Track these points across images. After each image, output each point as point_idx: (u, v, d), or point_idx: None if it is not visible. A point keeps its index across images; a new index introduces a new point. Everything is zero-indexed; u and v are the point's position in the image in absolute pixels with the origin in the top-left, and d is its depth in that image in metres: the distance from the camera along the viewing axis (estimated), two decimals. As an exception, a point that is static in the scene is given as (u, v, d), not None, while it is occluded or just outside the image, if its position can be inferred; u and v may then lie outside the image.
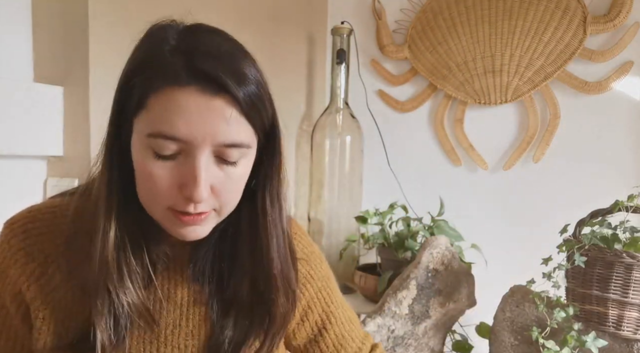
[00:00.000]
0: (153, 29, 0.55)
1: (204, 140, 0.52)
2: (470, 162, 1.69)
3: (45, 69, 1.09)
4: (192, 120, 0.51)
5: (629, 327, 0.97)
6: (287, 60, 1.71)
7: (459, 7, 1.65)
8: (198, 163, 0.52)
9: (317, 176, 1.72)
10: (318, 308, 0.75)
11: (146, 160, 0.53)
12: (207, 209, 0.56)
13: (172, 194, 0.54)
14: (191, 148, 0.52)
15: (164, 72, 0.51)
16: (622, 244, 0.99)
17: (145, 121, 0.52)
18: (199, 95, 0.50)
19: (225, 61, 0.52)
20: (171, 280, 0.63)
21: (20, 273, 0.59)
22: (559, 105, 1.55)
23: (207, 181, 0.53)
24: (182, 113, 0.50)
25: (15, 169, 1.05)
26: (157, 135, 0.51)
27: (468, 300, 1.27)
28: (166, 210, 0.55)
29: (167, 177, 0.53)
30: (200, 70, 0.50)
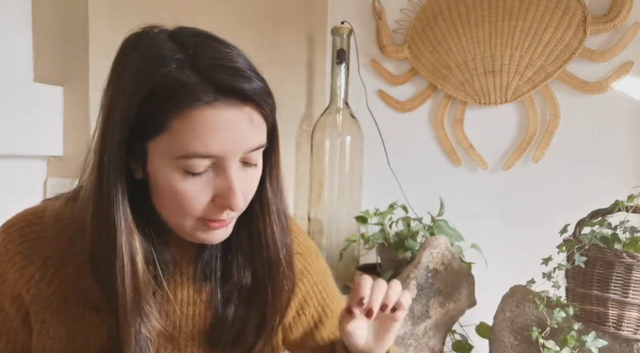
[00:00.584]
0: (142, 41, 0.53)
1: (236, 151, 0.53)
2: (470, 162, 1.69)
3: (45, 69, 1.09)
4: (225, 135, 0.51)
5: (629, 327, 0.97)
6: (287, 60, 1.71)
7: (459, 7, 1.65)
8: (232, 174, 0.53)
9: (317, 176, 1.72)
10: (314, 302, 0.75)
11: (176, 181, 0.52)
12: (236, 215, 0.58)
13: (205, 207, 0.54)
14: (223, 161, 0.52)
15: (185, 93, 0.49)
16: (622, 244, 0.99)
17: (169, 144, 0.51)
18: (227, 110, 0.51)
19: (239, 69, 0.52)
20: (172, 283, 0.63)
21: (19, 277, 0.59)
22: (559, 105, 1.55)
23: (241, 189, 0.54)
24: (213, 130, 0.50)
25: (15, 169, 1.05)
26: (191, 156, 0.51)
27: (468, 300, 1.27)
28: (197, 220, 0.56)
29: (200, 192, 0.53)
30: (222, 84, 0.50)
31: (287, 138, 1.76)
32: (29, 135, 1.03)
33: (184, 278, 0.64)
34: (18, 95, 1.01)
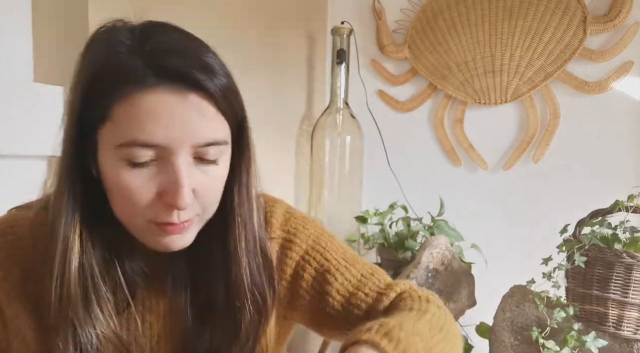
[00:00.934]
0: (100, 32, 0.52)
1: (182, 142, 0.48)
2: (470, 162, 1.69)
3: (45, 69, 1.09)
4: (167, 122, 0.47)
5: (629, 327, 0.97)
6: (287, 60, 1.71)
7: (459, 7, 1.65)
8: (178, 167, 0.49)
9: (317, 176, 1.72)
10: (310, 271, 0.65)
11: (120, 172, 0.49)
12: (191, 216, 0.53)
13: (152, 204, 0.50)
14: (168, 153, 0.49)
15: (126, 76, 0.47)
16: (622, 244, 0.99)
17: (112, 132, 0.48)
18: (170, 95, 0.47)
19: (191, 56, 0.49)
20: (151, 293, 0.60)
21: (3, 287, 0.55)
22: (559, 105, 1.55)
23: (190, 185, 0.50)
24: (155, 117, 0.47)
25: (15, 169, 1.05)
26: (131, 144, 0.47)
27: (468, 300, 1.27)
28: (147, 222, 0.51)
29: (145, 186, 0.49)
30: (167, 68, 0.47)
31: (287, 138, 1.76)
32: (29, 135, 1.03)
33: (163, 287, 0.60)
34: (18, 95, 1.01)
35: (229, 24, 1.41)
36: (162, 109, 0.47)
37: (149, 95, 0.47)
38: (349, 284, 0.64)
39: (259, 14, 1.55)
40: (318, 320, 0.67)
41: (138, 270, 0.58)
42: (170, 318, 0.60)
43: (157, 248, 0.54)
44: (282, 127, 1.72)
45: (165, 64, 0.47)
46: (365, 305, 0.63)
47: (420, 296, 0.63)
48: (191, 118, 0.48)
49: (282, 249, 0.66)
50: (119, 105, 0.47)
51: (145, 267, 0.59)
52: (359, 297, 0.63)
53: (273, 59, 1.62)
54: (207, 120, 0.49)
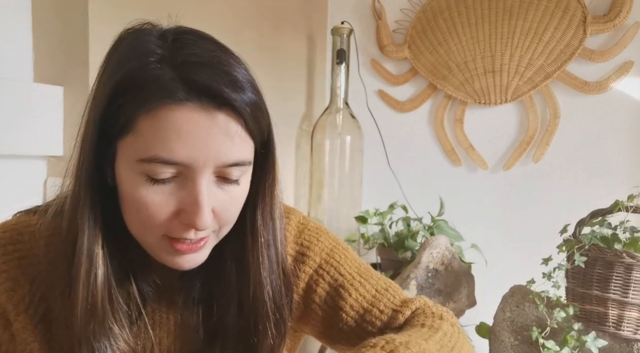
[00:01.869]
0: (128, 33, 0.50)
1: (207, 162, 0.46)
2: (470, 162, 1.69)
3: (45, 69, 1.09)
4: (193, 141, 0.45)
5: (629, 327, 0.97)
6: (287, 60, 1.71)
7: (459, 7, 1.65)
8: (200, 187, 0.47)
9: (317, 176, 1.72)
10: (324, 286, 0.64)
11: (138, 187, 0.47)
12: (208, 234, 0.51)
13: (169, 222, 0.48)
14: (190, 171, 0.47)
15: (155, 88, 0.45)
16: (622, 244, 0.99)
17: (134, 145, 0.46)
18: (199, 113, 0.45)
19: (222, 71, 0.47)
20: (162, 307, 0.58)
21: (7, 300, 0.54)
22: (559, 105, 1.55)
23: (210, 205, 0.48)
24: (181, 134, 0.45)
25: (15, 169, 1.05)
26: (152, 160, 0.45)
27: (468, 300, 1.27)
28: (161, 238, 0.50)
29: (163, 203, 0.47)
30: (198, 83, 0.45)
31: (287, 138, 1.76)
32: (29, 135, 1.03)
33: (175, 302, 0.58)
34: (18, 95, 1.01)
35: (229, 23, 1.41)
36: (188, 127, 0.45)
37: (176, 110, 0.45)
38: (363, 300, 0.63)
39: (259, 14, 1.55)
40: (330, 334, 0.65)
41: (151, 282, 0.57)
42: (180, 334, 0.59)
43: (168, 264, 0.52)
44: (282, 127, 1.72)
45: (196, 79, 0.45)
46: (380, 322, 0.61)
47: (434, 313, 0.61)
48: (217, 138, 0.46)
49: (295, 262, 0.65)
50: (144, 118, 0.45)
51: (159, 279, 0.57)
52: (374, 313, 0.62)
53: (273, 59, 1.62)
54: (233, 140, 0.47)
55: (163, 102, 0.45)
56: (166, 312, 0.59)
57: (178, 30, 0.50)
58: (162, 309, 0.59)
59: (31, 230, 0.56)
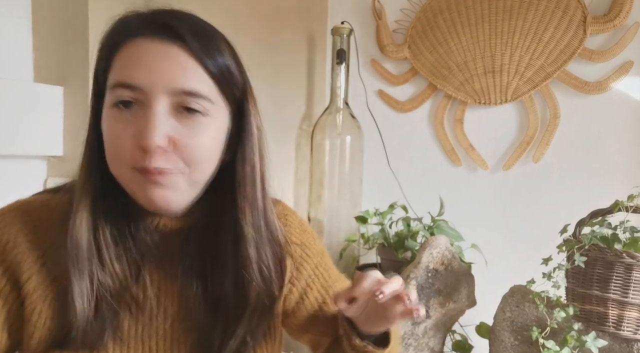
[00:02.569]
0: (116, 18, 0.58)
1: (159, 86, 0.52)
2: (470, 162, 1.69)
3: (45, 69, 1.09)
4: (147, 66, 0.52)
5: (629, 327, 0.97)
6: (287, 61, 1.71)
7: (459, 7, 1.65)
8: (152, 110, 0.52)
9: (317, 176, 1.72)
10: (317, 285, 0.73)
11: (109, 117, 0.54)
12: (167, 166, 0.54)
13: (131, 149, 0.53)
14: (147, 97, 0.53)
15: (124, 30, 0.54)
16: (622, 244, 0.99)
17: (110, 81, 0.54)
18: (155, 43, 0.53)
19: (189, 20, 0.56)
20: (167, 275, 0.62)
21: (21, 261, 0.57)
22: (559, 105, 1.55)
23: (162, 129, 0.53)
24: (139, 60, 0.53)
25: (15, 169, 1.05)
26: (116, 85, 0.53)
27: (468, 300, 1.27)
28: (131, 171, 0.54)
29: (125, 128, 0.53)
30: (159, 21, 0.53)
31: (287, 138, 1.76)
32: (29, 135, 1.03)
33: (177, 272, 0.62)
34: (18, 95, 1.01)
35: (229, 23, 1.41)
36: (145, 55, 0.53)
37: (138, 43, 0.53)
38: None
39: (259, 14, 1.55)
40: (308, 327, 0.73)
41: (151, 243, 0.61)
42: (184, 304, 0.61)
43: (146, 203, 0.56)
44: (282, 127, 1.72)
45: (158, 18, 0.54)
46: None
47: None
48: (170, 66, 0.53)
49: (298, 260, 0.71)
50: (116, 57, 0.54)
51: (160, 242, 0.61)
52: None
53: (273, 59, 1.62)
54: (185, 70, 0.53)
55: (129, 38, 0.54)
56: (170, 282, 0.61)
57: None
58: (166, 279, 0.61)
59: (46, 203, 0.61)
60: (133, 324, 0.59)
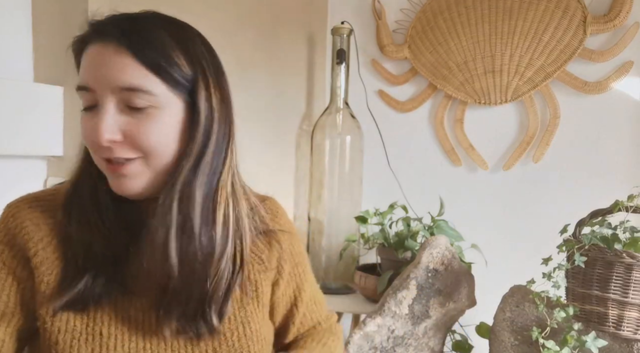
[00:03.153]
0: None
1: (103, 84, 0.58)
2: (470, 162, 1.69)
3: (45, 69, 1.09)
4: (93, 68, 0.58)
5: (629, 327, 0.97)
6: (287, 60, 1.71)
7: (459, 7, 1.65)
8: (102, 108, 0.58)
9: (317, 176, 1.72)
10: (292, 284, 0.77)
11: (81, 118, 0.61)
12: (126, 155, 0.59)
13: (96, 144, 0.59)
14: (98, 97, 0.58)
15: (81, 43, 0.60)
16: (622, 244, 0.99)
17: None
18: (98, 46, 0.58)
19: (126, 19, 0.59)
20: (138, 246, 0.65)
21: (27, 240, 0.63)
22: (559, 105, 1.55)
23: (112, 125, 0.58)
24: (89, 64, 0.59)
25: (15, 169, 1.05)
26: (77, 88, 0.60)
27: (468, 300, 1.27)
28: (103, 160, 0.61)
29: (87, 126, 0.60)
30: (101, 26, 0.59)
31: (287, 138, 1.76)
32: (29, 135, 1.03)
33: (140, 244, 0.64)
34: (18, 95, 1.01)
35: (229, 23, 1.41)
36: (92, 58, 0.59)
37: (89, 49, 0.59)
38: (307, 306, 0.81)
39: (259, 14, 1.55)
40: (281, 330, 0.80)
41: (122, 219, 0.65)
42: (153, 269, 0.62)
43: (114, 189, 0.62)
44: (282, 127, 1.72)
45: (101, 23, 0.59)
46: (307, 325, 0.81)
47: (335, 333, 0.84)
48: (109, 65, 0.57)
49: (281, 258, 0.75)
50: (81, 62, 0.61)
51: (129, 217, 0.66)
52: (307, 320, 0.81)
53: (273, 59, 1.62)
54: (123, 66, 0.57)
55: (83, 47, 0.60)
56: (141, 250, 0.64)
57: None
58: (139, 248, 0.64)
59: (52, 191, 0.68)
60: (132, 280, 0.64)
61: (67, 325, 0.61)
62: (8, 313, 0.63)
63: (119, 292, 0.64)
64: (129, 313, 0.64)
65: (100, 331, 0.62)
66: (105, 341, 0.62)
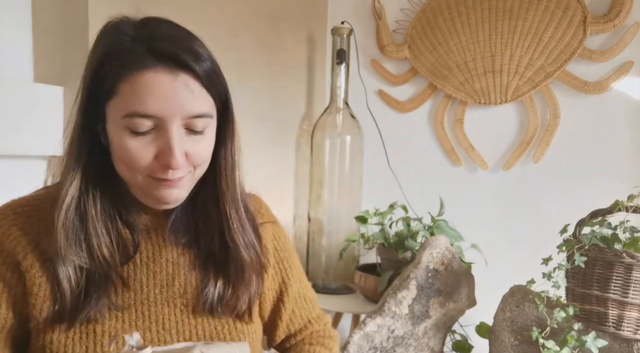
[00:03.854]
0: (108, 26, 0.61)
1: (175, 113, 0.58)
2: (470, 162, 1.69)
3: (45, 69, 1.09)
4: (161, 97, 0.57)
5: (629, 327, 0.97)
6: (287, 61, 1.71)
7: (459, 7, 1.65)
8: (172, 134, 0.59)
9: (317, 176, 1.72)
10: (278, 279, 0.80)
11: (124, 139, 0.59)
12: (183, 174, 0.62)
13: (150, 165, 0.60)
14: (163, 122, 0.58)
15: (129, 58, 0.57)
16: (622, 244, 0.99)
17: (118, 105, 0.58)
18: (164, 74, 0.57)
19: (182, 42, 0.59)
20: (155, 246, 0.69)
21: (16, 245, 0.63)
22: (559, 105, 1.55)
23: (181, 150, 0.60)
24: (152, 92, 0.57)
25: (15, 168, 1.05)
26: (133, 114, 0.58)
27: (468, 300, 1.27)
28: (146, 177, 0.61)
29: (144, 150, 0.59)
30: (161, 51, 0.57)
31: (287, 138, 1.76)
32: (29, 135, 1.03)
33: (166, 243, 0.70)
34: (18, 95, 1.01)
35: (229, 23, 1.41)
36: (157, 86, 0.57)
37: (147, 74, 0.57)
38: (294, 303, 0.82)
39: (259, 15, 1.55)
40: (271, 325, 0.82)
41: (142, 225, 0.69)
42: (174, 269, 0.70)
43: (154, 202, 0.64)
44: (282, 127, 1.72)
45: (160, 48, 0.57)
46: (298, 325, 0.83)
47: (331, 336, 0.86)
48: (181, 93, 0.58)
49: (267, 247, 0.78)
50: (123, 82, 0.57)
51: (150, 222, 0.70)
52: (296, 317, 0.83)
53: (273, 59, 1.62)
54: (194, 95, 0.59)
55: (136, 68, 0.57)
56: (159, 249, 0.70)
57: (146, 17, 0.62)
58: (155, 247, 0.70)
59: (37, 196, 0.69)
60: (126, 293, 0.66)
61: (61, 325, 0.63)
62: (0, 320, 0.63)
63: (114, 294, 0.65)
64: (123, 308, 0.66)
65: (94, 329, 0.63)
66: (100, 338, 0.63)
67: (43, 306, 0.63)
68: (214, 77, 0.62)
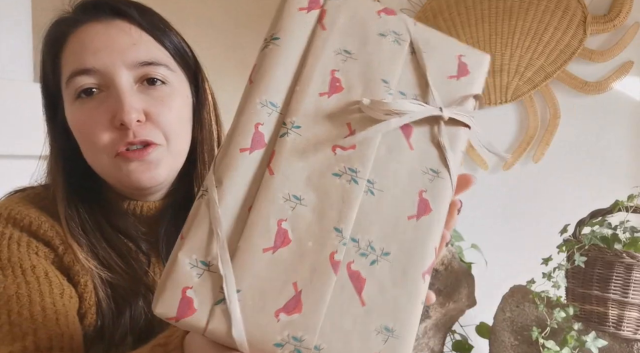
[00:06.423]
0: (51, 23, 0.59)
1: (114, 61, 0.53)
2: (470, 162, 1.69)
3: (45, 69, 1.09)
4: (100, 46, 0.53)
5: (629, 327, 0.97)
6: (287, 60, 1.70)
7: (459, 7, 1.65)
8: (119, 86, 0.53)
9: (317, 176, 1.72)
10: None
11: (75, 110, 0.54)
12: (149, 137, 0.54)
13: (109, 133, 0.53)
14: (108, 77, 0.53)
15: (65, 26, 0.56)
16: (622, 244, 0.99)
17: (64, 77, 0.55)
18: (96, 26, 0.54)
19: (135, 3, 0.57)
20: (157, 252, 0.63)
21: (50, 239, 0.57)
22: (559, 105, 1.55)
23: (136, 102, 0.53)
24: (87, 45, 0.53)
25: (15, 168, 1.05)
26: (73, 74, 0.53)
27: (468, 300, 1.27)
28: (113, 159, 0.54)
29: (97, 114, 0.53)
30: (93, 5, 0.55)
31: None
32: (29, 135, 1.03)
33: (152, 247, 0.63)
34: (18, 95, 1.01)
35: (229, 25, 1.41)
36: (90, 38, 0.54)
37: (80, 32, 0.55)
38: None
39: (259, 15, 1.55)
40: None
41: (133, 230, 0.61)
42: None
43: (129, 185, 0.56)
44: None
45: (92, 3, 0.55)
46: None
47: None
48: (118, 39, 0.54)
49: None
50: (64, 50, 0.55)
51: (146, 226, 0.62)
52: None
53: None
54: (138, 42, 0.54)
55: (72, 31, 0.55)
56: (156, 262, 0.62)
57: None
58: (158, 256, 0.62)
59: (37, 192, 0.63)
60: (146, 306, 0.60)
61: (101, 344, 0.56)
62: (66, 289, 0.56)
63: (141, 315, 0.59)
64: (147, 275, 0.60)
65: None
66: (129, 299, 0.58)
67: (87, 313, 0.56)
68: (159, 25, 0.57)
